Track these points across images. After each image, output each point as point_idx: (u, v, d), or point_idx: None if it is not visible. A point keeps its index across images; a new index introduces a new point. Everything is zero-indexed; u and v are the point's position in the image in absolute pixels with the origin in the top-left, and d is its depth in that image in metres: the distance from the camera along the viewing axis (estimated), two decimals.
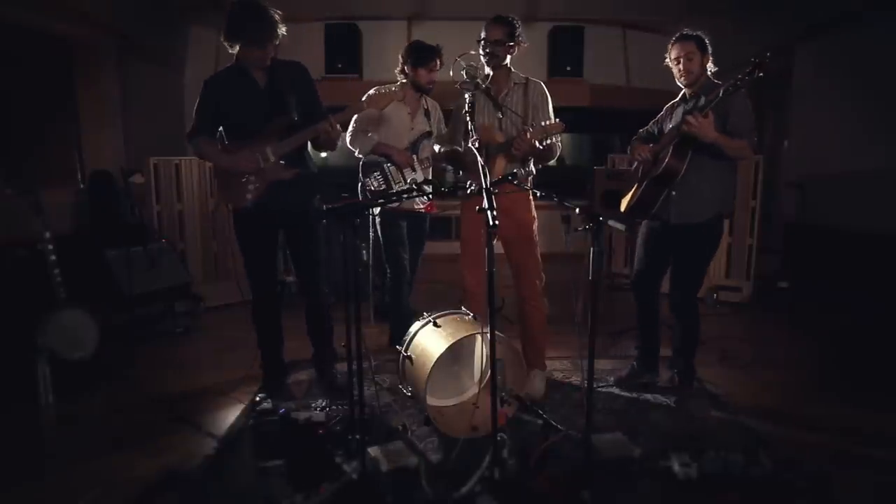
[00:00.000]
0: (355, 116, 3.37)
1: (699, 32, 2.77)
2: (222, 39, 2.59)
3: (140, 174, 4.52)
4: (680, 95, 2.88)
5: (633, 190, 2.93)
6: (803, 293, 4.65)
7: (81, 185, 5.03)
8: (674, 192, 2.74)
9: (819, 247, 4.77)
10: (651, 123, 3.03)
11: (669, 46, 2.78)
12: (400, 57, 3.45)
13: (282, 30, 2.59)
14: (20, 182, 3.12)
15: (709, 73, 2.78)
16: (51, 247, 3.07)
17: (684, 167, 2.67)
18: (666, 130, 2.86)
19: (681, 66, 2.75)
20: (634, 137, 3.05)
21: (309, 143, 2.83)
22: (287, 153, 2.69)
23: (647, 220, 2.94)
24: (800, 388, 3.15)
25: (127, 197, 4.53)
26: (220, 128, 2.75)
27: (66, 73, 5.11)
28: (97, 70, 5.17)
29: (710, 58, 2.77)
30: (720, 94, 2.53)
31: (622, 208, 2.97)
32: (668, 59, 2.80)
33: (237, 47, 2.60)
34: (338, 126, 2.70)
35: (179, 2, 5.75)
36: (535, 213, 2.97)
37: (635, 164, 2.96)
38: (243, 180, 2.69)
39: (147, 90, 5.68)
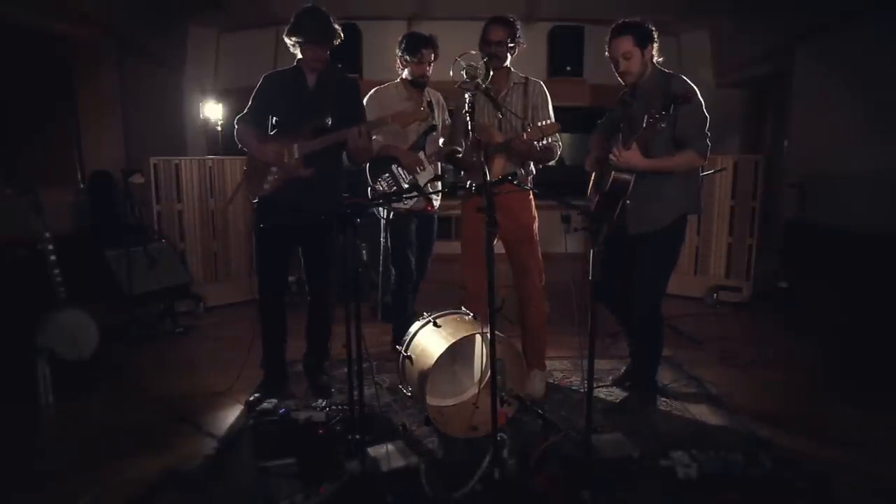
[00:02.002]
0: None
1: (637, 20, 2.49)
2: (284, 36, 2.76)
3: (140, 174, 4.53)
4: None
5: (594, 198, 2.77)
6: (803, 293, 4.64)
7: (81, 185, 5.03)
8: (629, 201, 2.56)
9: (819, 247, 4.77)
10: (607, 115, 2.87)
11: (606, 42, 2.53)
12: (395, 51, 3.41)
13: (338, 38, 2.78)
14: (20, 182, 3.12)
15: (655, 62, 2.55)
16: (51, 247, 3.07)
17: (632, 179, 2.51)
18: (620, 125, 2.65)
19: (620, 68, 2.53)
20: (594, 133, 2.87)
21: (345, 156, 2.93)
22: (313, 153, 2.75)
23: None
24: (800, 388, 3.15)
25: (127, 197, 4.52)
26: (271, 120, 2.87)
27: (66, 72, 5.11)
28: (97, 70, 5.17)
29: (654, 47, 2.50)
30: (644, 126, 2.35)
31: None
32: (606, 54, 2.55)
33: (297, 47, 2.76)
34: (367, 134, 2.75)
35: (179, 2, 5.75)
36: (535, 213, 2.97)
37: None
38: (266, 171, 2.80)
39: (146, 90, 5.68)
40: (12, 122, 4.56)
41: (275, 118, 2.85)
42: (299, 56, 2.80)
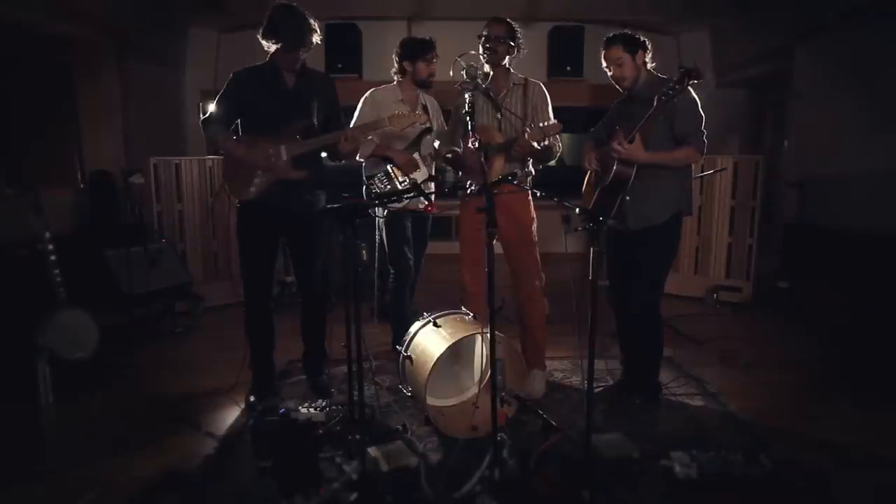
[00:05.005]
0: (355, 116, 3.35)
1: (626, 31, 2.65)
2: (259, 36, 2.68)
3: (140, 174, 4.53)
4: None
5: (592, 196, 2.81)
6: (803, 293, 4.65)
7: (81, 185, 5.03)
8: (628, 198, 2.63)
9: (819, 247, 4.77)
10: (601, 122, 2.92)
11: (601, 54, 2.67)
12: (395, 55, 3.42)
13: (316, 38, 2.69)
14: (20, 182, 3.12)
15: (649, 68, 2.66)
16: (51, 247, 3.07)
17: (633, 173, 2.58)
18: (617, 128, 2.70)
19: (614, 74, 2.66)
20: (586, 140, 2.93)
21: (324, 152, 2.89)
22: (300, 155, 2.73)
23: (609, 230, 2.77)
24: (800, 388, 3.15)
25: (127, 197, 4.53)
26: (238, 119, 2.80)
27: (66, 73, 5.11)
28: (97, 70, 5.18)
29: (646, 53, 2.64)
30: (647, 116, 2.45)
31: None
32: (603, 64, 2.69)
33: (272, 47, 2.68)
34: (354, 136, 2.76)
35: (179, 2, 5.75)
36: (534, 213, 2.97)
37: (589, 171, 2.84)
38: (251, 173, 2.73)
39: (147, 90, 5.68)
40: (13, 123, 4.56)
41: (246, 118, 2.78)
42: (272, 51, 2.72)
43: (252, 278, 2.89)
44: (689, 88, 2.50)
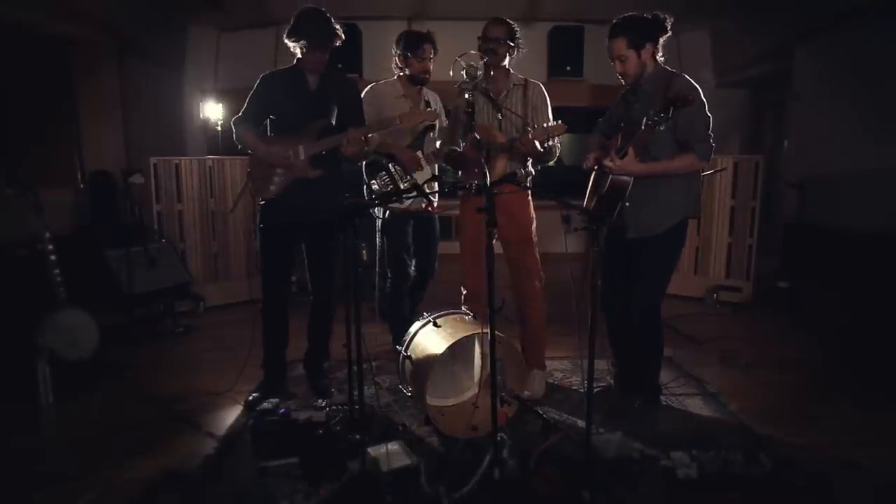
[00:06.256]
0: None
1: (634, 17, 2.48)
2: (285, 38, 2.76)
3: (140, 174, 4.53)
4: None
5: (592, 198, 2.69)
6: (803, 293, 4.65)
7: (81, 185, 5.03)
8: (627, 204, 2.48)
9: (819, 247, 4.77)
10: (606, 115, 2.85)
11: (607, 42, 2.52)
12: (393, 50, 3.42)
13: (337, 40, 2.77)
14: (20, 182, 3.12)
15: (658, 60, 2.53)
16: (51, 247, 3.07)
17: (630, 182, 2.46)
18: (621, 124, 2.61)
19: (617, 69, 2.53)
20: (593, 133, 2.86)
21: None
22: (317, 154, 2.77)
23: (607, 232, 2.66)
24: (800, 388, 3.15)
25: (127, 197, 4.53)
26: (267, 120, 2.87)
27: (65, 72, 5.11)
28: (97, 70, 5.18)
29: (657, 42, 2.49)
30: (636, 136, 2.35)
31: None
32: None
33: (297, 48, 2.75)
34: (355, 139, 2.77)
35: (179, 2, 5.75)
36: (533, 213, 2.97)
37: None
38: (272, 172, 2.80)
39: (147, 90, 5.68)
40: (13, 123, 4.57)
41: (273, 118, 2.85)
42: (299, 56, 2.79)
43: (271, 277, 2.92)
44: (698, 88, 2.43)
